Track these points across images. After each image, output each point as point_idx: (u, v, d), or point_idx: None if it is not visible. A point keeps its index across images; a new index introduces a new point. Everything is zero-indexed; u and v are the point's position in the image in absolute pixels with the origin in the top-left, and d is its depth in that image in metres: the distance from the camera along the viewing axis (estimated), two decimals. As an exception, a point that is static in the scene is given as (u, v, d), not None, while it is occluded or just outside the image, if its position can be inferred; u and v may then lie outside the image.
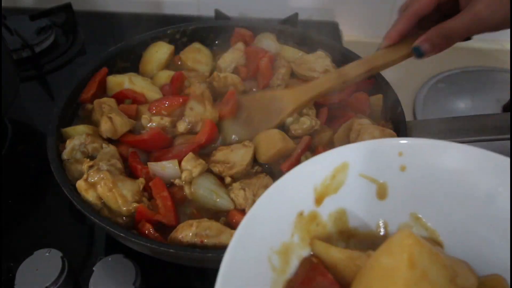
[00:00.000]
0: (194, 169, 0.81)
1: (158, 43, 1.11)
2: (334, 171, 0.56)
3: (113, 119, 0.87)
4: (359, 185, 0.57)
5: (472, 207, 0.54)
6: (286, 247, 0.54)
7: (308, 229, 0.56)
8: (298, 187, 0.55)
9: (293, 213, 0.55)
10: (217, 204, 0.80)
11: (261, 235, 0.51)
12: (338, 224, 0.58)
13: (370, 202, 0.58)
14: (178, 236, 0.72)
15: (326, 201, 0.57)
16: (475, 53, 1.50)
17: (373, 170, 0.57)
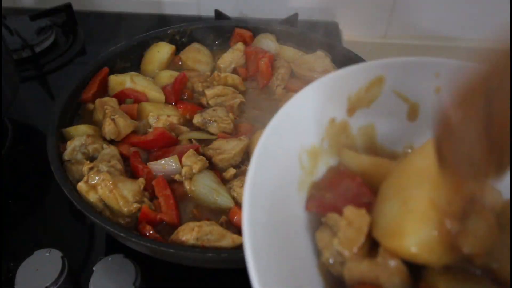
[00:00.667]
0: (194, 165, 0.81)
1: (159, 43, 1.11)
2: (370, 83, 0.55)
3: (116, 121, 0.87)
4: (391, 102, 0.56)
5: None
6: (315, 150, 0.54)
7: (337, 139, 0.55)
8: (333, 92, 0.54)
9: (325, 117, 0.54)
10: (217, 202, 0.80)
11: (294, 130, 0.51)
12: (366, 139, 0.58)
13: (400, 122, 0.57)
14: (180, 238, 0.72)
15: (358, 113, 0.56)
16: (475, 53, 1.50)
17: (408, 88, 0.55)
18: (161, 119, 0.91)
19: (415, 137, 0.57)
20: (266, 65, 1.04)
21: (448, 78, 0.52)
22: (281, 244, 0.47)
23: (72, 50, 1.38)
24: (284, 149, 0.50)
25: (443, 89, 0.53)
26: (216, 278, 0.83)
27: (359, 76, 0.55)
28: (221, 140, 0.89)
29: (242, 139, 0.88)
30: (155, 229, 0.76)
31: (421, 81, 0.55)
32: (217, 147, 0.88)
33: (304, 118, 0.53)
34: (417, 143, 0.56)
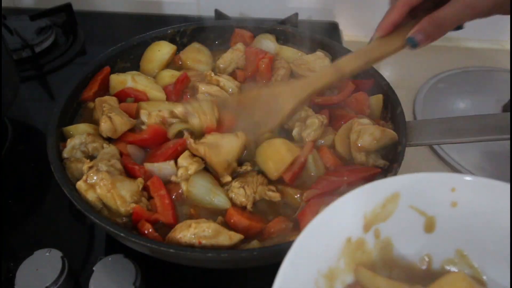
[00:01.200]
0: (190, 166, 0.81)
1: (160, 42, 1.11)
2: (386, 200, 0.56)
3: (112, 118, 0.87)
4: (407, 216, 0.57)
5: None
6: (332, 272, 0.54)
7: (354, 256, 0.56)
8: (349, 213, 0.55)
9: (342, 238, 0.55)
10: (213, 203, 0.80)
11: (311, 257, 0.52)
12: (383, 253, 0.58)
13: (417, 234, 0.58)
14: (177, 236, 0.72)
15: (374, 228, 0.57)
16: (475, 53, 1.50)
17: (424, 203, 0.57)
18: (152, 115, 0.90)
19: (433, 247, 0.58)
20: (266, 65, 1.04)
21: (464, 192, 0.55)
22: None
23: (72, 50, 1.39)
24: (301, 279, 0.51)
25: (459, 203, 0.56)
26: (216, 278, 0.83)
27: (375, 194, 0.56)
28: (216, 135, 0.85)
29: (239, 136, 0.85)
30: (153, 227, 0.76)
31: (437, 195, 0.56)
32: (212, 141, 0.84)
33: (320, 244, 0.53)
34: (435, 254, 0.58)
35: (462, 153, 1.13)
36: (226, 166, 0.83)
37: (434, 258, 0.58)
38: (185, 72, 1.03)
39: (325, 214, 0.54)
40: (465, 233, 0.56)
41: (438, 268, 0.57)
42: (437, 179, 0.56)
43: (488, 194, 0.54)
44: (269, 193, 0.81)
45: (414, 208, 0.57)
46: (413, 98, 1.32)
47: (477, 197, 0.55)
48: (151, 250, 0.70)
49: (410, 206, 0.57)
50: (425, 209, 0.57)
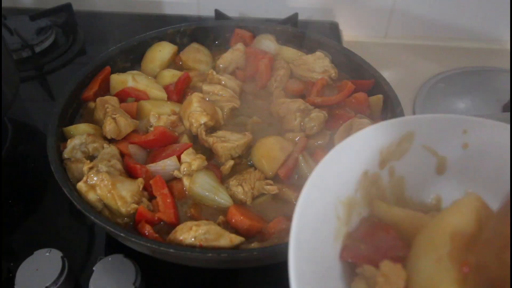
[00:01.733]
0: (193, 161, 0.82)
1: (162, 43, 1.11)
2: (401, 138, 0.58)
3: (117, 120, 0.87)
4: (420, 156, 0.59)
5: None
6: (350, 201, 0.56)
7: (369, 191, 0.58)
8: (367, 147, 0.57)
9: (359, 170, 0.57)
10: (216, 200, 0.81)
11: (331, 184, 0.54)
12: (396, 191, 0.60)
13: (429, 174, 0.60)
14: (178, 237, 0.72)
15: (389, 165, 0.59)
16: (475, 53, 1.50)
17: (436, 143, 0.59)
18: (162, 118, 0.91)
19: (443, 189, 0.60)
20: (266, 66, 1.04)
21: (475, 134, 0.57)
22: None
23: (72, 50, 1.39)
24: (322, 201, 0.53)
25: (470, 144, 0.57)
26: (216, 278, 0.83)
27: (391, 131, 0.58)
28: (225, 131, 0.90)
29: (247, 135, 0.89)
30: (154, 228, 0.76)
31: (449, 137, 0.58)
32: (221, 135, 0.88)
33: (341, 171, 0.55)
34: (445, 195, 0.60)
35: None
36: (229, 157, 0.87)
37: (444, 199, 0.60)
38: (187, 72, 1.03)
39: (345, 143, 0.56)
40: (475, 174, 0.58)
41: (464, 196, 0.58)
42: (450, 120, 0.58)
43: (499, 136, 0.55)
44: (266, 187, 0.82)
45: (427, 148, 0.59)
46: (413, 98, 1.32)
47: (488, 139, 0.56)
48: (152, 250, 0.70)
49: (423, 146, 0.59)
50: (437, 149, 0.59)
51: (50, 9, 1.41)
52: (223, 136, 0.88)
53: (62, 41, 1.42)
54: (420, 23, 1.48)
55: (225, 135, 0.89)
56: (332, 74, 1.04)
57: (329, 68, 1.04)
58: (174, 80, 1.02)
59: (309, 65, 1.05)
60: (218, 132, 0.90)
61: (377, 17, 1.50)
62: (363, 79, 1.01)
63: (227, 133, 0.90)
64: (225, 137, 0.88)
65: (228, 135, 0.89)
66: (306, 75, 1.04)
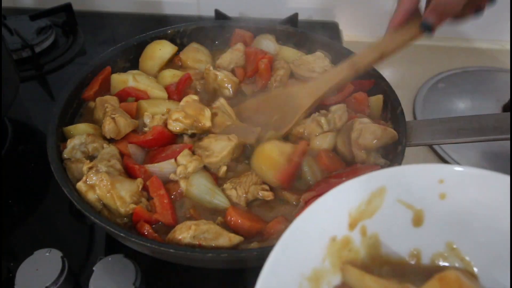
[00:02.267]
0: (189, 163, 0.82)
1: (161, 41, 1.11)
2: (371, 195, 0.54)
3: (116, 120, 0.87)
4: (395, 211, 0.55)
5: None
6: (317, 273, 0.52)
7: (340, 255, 0.54)
8: (332, 212, 0.53)
9: (325, 238, 0.53)
10: (213, 202, 0.80)
11: (293, 260, 0.50)
12: (371, 250, 0.56)
13: (405, 228, 0.56)
14: (177, 237, 0.72)
15: (360, 225, 0.55)
16: (475, 53, 1.51)
17: (411, 196, 0.55)
18: (156, 118, 0.90)
19: (422, 242, 0.56)
20: (266, 66, 1.04)
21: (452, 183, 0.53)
22: None
23: (72, 50, 1.39)
24: (284, 284, 0.49)
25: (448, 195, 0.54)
26: (216, 278, 0.83)
27: (359, 190, 0.54)
28: (211, 137, 0.87)
29: (231, 139, 0.86)
30: (153, 228, 0.76)
31: (425, 188, 0.54)
32: (205, 147, 0.86)
33: (303, 245, 0.51)
34: (423, 247, 0.56)
35: (462, 153, 1.13)
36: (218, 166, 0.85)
37: (424, 253, 0.56)
38: (188, 73, 1.03)
39: (306, 214, 0.51)
40: (455, 225, 0.54)
41: (428, 262, 0.56)
42: (424, 171, 0.54)
43: (478, 185, 0.52)
44: (262, 193, 0.81)
45: (401, 202, 0.55)
46: (413, 98, 1.33)
47: (467, 188, 0.53)
48: (151, 250, 0.70)
49: (397, 200, 0.55)
50: (412, 203, 0.55)
51: (50, 9, 1.41)
52: (207, 148, 0.86)
53: (62, 41, 1.42)
54: (420, 23, 1.48)
55: (209, 144, 0.86)
56: (332, 74, 1.04)
57: (329, 68, 1.04)
58: (174, 80, 1.02)
59: (309, 65, 1.05)
60: (204, 140, 0.88)
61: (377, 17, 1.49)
62: (363, 79, 1.01)
63: (212, 140, 0.87)
64: (208, 149, 0.85)
65: (213, 144, 0.86)
66: (306, 75, 1.04)
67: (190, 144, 0.87)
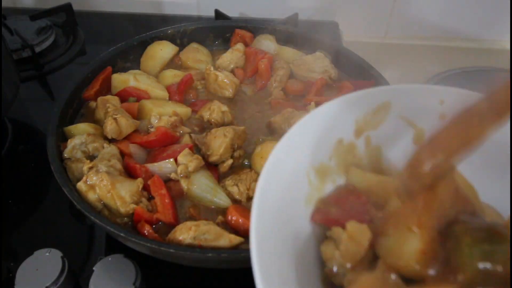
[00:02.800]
0: (189, 163, 0.82)
1: (163, 42, 1.11)
2: (377, 107, 0.57)
3: (118, 120, 0.87)
4: (397, 126, 0.58)
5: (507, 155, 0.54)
6: (323, 168, 0.56)
7: (345, 158, 0.58)
8: (341, 115, 0.56)
9: (333, 138, 0.57)
10: (214, 201, 0.81)
11: (303, 148, 0.54)
12: (373, 160, 0.60)
13: (406, 145, 0.59)
14: (177, 237, 0.72)
15: (365, 135, 0.58)
16: (475, 53, 1.50)
17: (414, 114, 0.58)
18: (163, 119, 0.91)
19: None
20: (266, 66, 1.04)
21: (452, 105, 0.54)
22: (287, 255, 0.49)
23: (72, 50, 1.38)
24: (292, 166, 0.53)
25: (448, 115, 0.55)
26: (216, 278, 0.83)
27: (366, 101, 0.57)
28: (212, 134, 0.88)
29: (226, 135, 0.86)
30: (153, 228, 0.76)
31: (427, 107, 0.57)
32: (208, 144, 0.87)
33: (313, 138, 0.55)
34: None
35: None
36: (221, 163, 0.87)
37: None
38: (190, 74, 1.03)
39: (320, 110, 0.55)
40: None
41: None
42: (426, 91, 0.58)
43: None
44: None
45: (404, 119, 0.58)
46: (413, 98, 1.32)
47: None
48: (151, 250, 0.70)
49: (400, 116, 0.58)
50: (414, 121, 0.58)
51: (50, 9, 1.40)
52: (208, 147, 0.86)
53: (62, 41, 1.42)
54: (420, 23, 1.48)
55: (210, 141, 0.86)
56: (332, 74, 1.04)
57: (329, 68, 1.04)
58: (175, 80, 1.02)
59: (309, 65, 1.05)
60: (207, 137, 0.88)
61: (377, 17, 1.50)
62: (363, 79, 1.01)
63: (212, 138, 0.87)
64: (210, 148, 0.86)
65: (212, 141, 0.86)
66: (306, 75, 1.04)
67: (191, 144, 0.87)
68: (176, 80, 1.02)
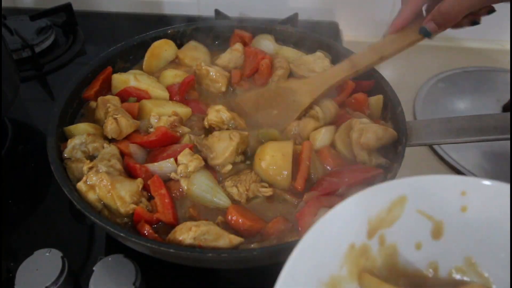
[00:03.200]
0: (190, 163, 0.81)
1: (168, 42, 1.11)
2: (391, 204, 0.54)
3: (118, 120, 0.87)
4: (414, 221, 0.54)
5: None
6: (334, 280, 0.52)
7: (357, 262, 0.54)
8: (352, 218, 0.53)
9: (344, 245, 0.53)
10: (214, 201, 0.80)
11: (310, 266, 0.50)
12: (388, 260, 0.56)
13: (424, 240, 0.55)
14: (177, 238, 0.72)
15: (379, 234, 0.55)
16: (475, 53, 1.51)
17: (432, 207, 0.54)
18: (162, 119, 0.91)
19: (441, 255, 0.56)
20: (267, 65, 1.04)
21: (475, 196, 0.52)
22: None
23: (72, 50, 1.39)
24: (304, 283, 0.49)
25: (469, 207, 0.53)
26: (216, 278, 0.83)
27: (380, 197, 0.54)
28: (215, 136, 0.87)
29: (232, 138, 0.85)
30: (153, 228, 0.76)
31: (446, 199, 0.54)
32: (210, 146, 0.86)
33: (321, 251, 0.51)
34: (442, 261, 0.56)
35: (462, 153, 1.13)
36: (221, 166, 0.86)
37: (442, 266, 0.56)
38: (192, 75, 1.03)
39: (326, 219, 0.51)
40: (474, 239, 0.53)
41: (446, 275, 0.55)
42: (447, 182, 0.53)
43: (501, 199, 0.51)
44: (262, 190, 0.82)
45: (422, 213, 0.54)
46: (413, 98, 1.33)
47: (489, 202, 0.52)
48: (152, 250, 0.70)
49: (417, 211, 0.54)
50: (433, 214, 0.54)
51: (50, 9, 1.41)
52: (212, 149, 0.86)
53: (62, 41, 1.42)
54: (420, 23, 1.48)
55: (213, 144, 0.86)
56: (332, 74, 1.04)
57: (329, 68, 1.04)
58: (176, 80, 1.02)
59: (309, 65, 1.05)
60: (208, 139, 0.88)
61: (377, 17, 1.50)
62: (363, 79, 1.01)
63: (215, 140, 0.86)
64: (213, 150, 0.85)
65: (216, 144, 0.86)
66: (307, 75, 1.03)
67: (191, 144, 0.87)
68: (177, 80, 1.02)
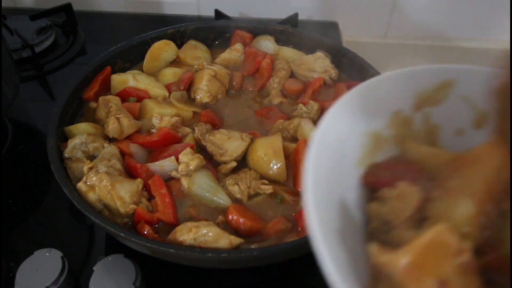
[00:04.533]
0: (191, 162, 0.82)
1: (169, 43, 1.11)
2: (440, 84, 0.56)
3: (120, 120, 0.87)
4: (459, 106, 0.57)
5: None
6: (377, 135, 0.56)
7: (401, 130, 0.57)
8: (402, 87, 0.56)
9: (391, 108, 0.57)
10: (215, 201, 0.81)
11: (358, 112, 0.54)
12: (429, 137, 0.59)
13: (465, 127, 0.58)
14: (177, 238, 0.72)
15: (424, 111, 0.58)
16: (475, 53, 1.50)
17: (478, 96, 0.55)
18: (164, 119, 0.91)
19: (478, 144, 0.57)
20: (268, 65, 1.04)
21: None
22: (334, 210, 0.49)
23: (72, 50, 1.38)
24: (348, 127, 0.53)
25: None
26: (216, 278, 0.83)
27: (431, 75, 0.56)
28: (222, 134, 0.88)
29: (244, 138, 0.87)
30: (153, 228, 0.76)
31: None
32: (219, 144, 0.87)
33: (371, 103, 0.55)
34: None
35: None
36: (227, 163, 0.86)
37: None
38: (191, 73, 1.03)
39: (380, 79, 0.55)
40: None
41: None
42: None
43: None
44: (262, 187, 0.82)
45: (467, 100, 0.57)
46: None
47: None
48: (152, 250, 0.70)
49: (463, 97, 0.57)
50: (477, 102, 0.56)
51: (50, 9, 1.40)
52: (220, 146, 0.86)
53: (62, 41, 1.42)
54: (420, 23, 1.48)
55: (222, 141, 0.87)
56: (332, 74, 1.04)
57: (329, 68, 1.04)
58: (175, 78, 1.02)
59: (309, 65, 1.05)
60: (215, 136, 0.88)
61: (377, 17, 1.50)
62: (363, 79, 1.00)
63: (224, 138, 0.87)
64: (222, 148, 0.86)
65: (226, 142, 0.86)
66: (307, 75, 1.04)
67: (192, 143, 0.87)
68: (176, 78, 1.03)
